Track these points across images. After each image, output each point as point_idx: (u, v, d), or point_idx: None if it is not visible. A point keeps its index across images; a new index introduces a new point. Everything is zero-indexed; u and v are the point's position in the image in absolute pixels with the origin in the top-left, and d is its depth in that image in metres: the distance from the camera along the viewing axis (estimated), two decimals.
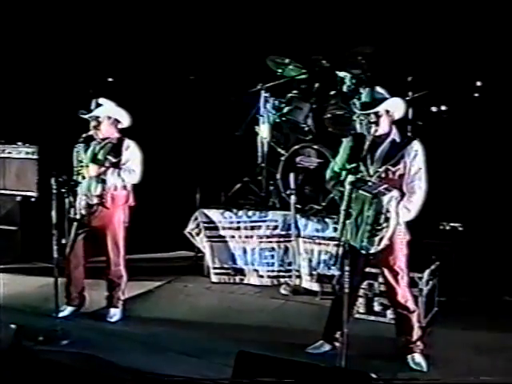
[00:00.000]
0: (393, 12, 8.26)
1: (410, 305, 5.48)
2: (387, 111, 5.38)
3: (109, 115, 6.35)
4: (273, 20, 8.78)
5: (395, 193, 5.14)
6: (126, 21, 9.52)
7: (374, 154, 5.34)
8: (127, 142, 6.42)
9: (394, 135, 5.42)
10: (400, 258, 5.39)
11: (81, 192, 6.26)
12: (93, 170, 6.24)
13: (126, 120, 6.48)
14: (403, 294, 5.44)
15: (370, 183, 5.18)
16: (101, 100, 6.33)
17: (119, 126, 6.47)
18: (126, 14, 9.50)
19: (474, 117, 8.35)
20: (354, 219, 5.07)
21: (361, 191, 5.05)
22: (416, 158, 5.32)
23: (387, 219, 5.07)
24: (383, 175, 5.28)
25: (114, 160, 6.33)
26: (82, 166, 6.17)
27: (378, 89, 5.47)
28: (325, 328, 5.71)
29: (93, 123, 6.28)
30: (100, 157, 6.32)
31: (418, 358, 5.45)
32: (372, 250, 5.18)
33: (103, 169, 6.27)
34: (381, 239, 5.11)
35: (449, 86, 8.19)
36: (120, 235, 6.47)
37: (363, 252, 5.21)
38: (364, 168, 5.28)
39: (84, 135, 6.31)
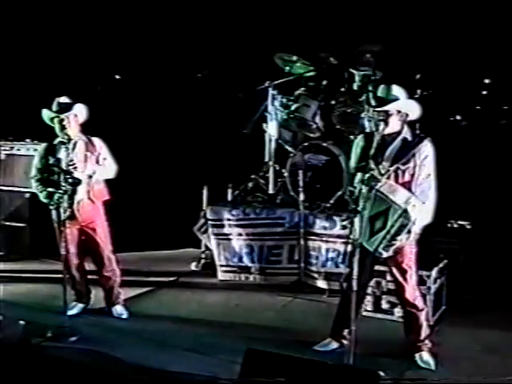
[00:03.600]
0: (401, 9, 8.25)
1: (419, 303, 5.47)
2: (398, 111, 5.33)
3: (76, 113, 6.34)
4: (280, 17, 8.78)
5: (419, 204, 5.11)
6: (134, 18, 9.54)
7: (385, 153, 5.30)
8: (98, 140, 6.45)
9: (406, 134, 5.36)
10: (409, 256, 5.39)
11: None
12: (81, 167, 6.23)
13: (85, 116, 6.45)
14: (412, 292, 5.43)
15: (382, 181, 5.14)
16: (64, 99, 6.30)
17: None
18: (134, 11, 9.52)
19: (483, 114, 8.35)
20: (371, 220, 5.09)
21: (390, 201, 5.05)
22: (427, 158, 5.26)
23: (409, 231, 5.11)
24: (394, 174, 5.24)
25: (93, 157, 6.35)
26: (73, 165, 6.15)
27: (394, 87, 5.39)
28: (332, 326, 5.71)
29: (64, 122, 6.23)
30: (80, 155, 6.32)
31: (426, 356, 5.44)
32: (385, 255, 5.23)
33: (90, 165, 6.29)
34: (396, 246, 5.16)
35: (457, 84, 8.18)
36: (107, 228, 6.52)
37: (377, 255, 5.24)
38: (374, 166, 5.21)
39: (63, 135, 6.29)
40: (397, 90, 5.38)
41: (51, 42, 9.51)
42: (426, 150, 5.28)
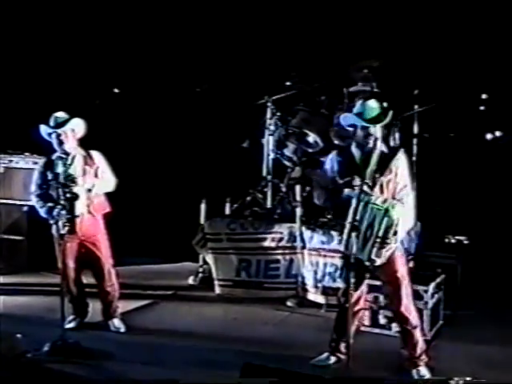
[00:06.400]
0: (400, 26, 8.30)
1: (413, 319, 5.49)
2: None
3: (73, 128, 6.37)
4: (279, 33, 8.83)
5: (400, 206, 5.25)
6: (133, 32, 9.58)
7: (367, 166, 5.40)
8: (97, 153, 6.48)
9: (382, 147, 5.52)
10: (402, 267, 5.47)
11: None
12: (80, 181, 6.25)
13: (82, 131, 6.48)
14: (407, 306, 5.46)
15: (373, 196, 5.25)
16: (61, 114, 6.32)
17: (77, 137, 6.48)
18: (134, 24, 9.56)
19: (479, 131, 8.38)
20: (364, 233, 5.17)
21: (371, 205, 5.18)
22: (403, 169, 5.44)
23: (396, 232, 5.20)
24: (378, 186, 5.34)
25: (91, 170, 6.37)
26: (72, 179, 6.16)
27: (374, 101, 5.59)
28: (330, 340, 5.71)
29: (61, 137, 6.25)
30: (79, 169, 6.34)
31: (423, 370, 5.46)
32: (378, 262, 5.27)
33: (89, 179, 6.30)
34: (387, 251, 5.23)
35: (454, 99, 8.22)
36: (107, 242, 6.52)
37: (367, 264, 5.27)
38: (359, 180, 5.29)
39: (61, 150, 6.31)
40: (376, 104, 5.56)
41: (50, 55, 9.55)
42: (401, 160, 5.46)
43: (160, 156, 9.71)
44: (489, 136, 8.19)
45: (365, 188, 5.24)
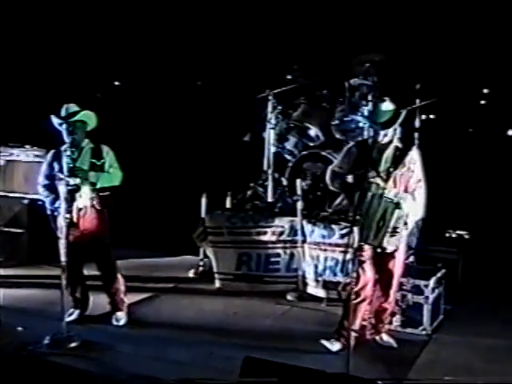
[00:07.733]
0: (402, 20, 8.30)
1: (393, 303, 5.92)
2: None
3: (84, 119, 6.36)
4: (281, 27, 8.82)
5: (410, 199, 5.51)
6: (134, 26, 9.57)
7: (381, 160, 5.62)
8: (105, 147, 6.46)
9: (396, 142, 5.71)
10: (401, 257, 5.80)
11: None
12: (85, 174, 6.24)
13: (93, 123, 6.47)
14: (391, 301, 5.85)
15: (386, 189, 5.47)
16: (73, 106, 6.32)
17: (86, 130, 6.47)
18: (135, 18, 9.55)
19: (480, 126, 8.39)
20: (377, 223, 5.42)
21: (384, 198, 5.43)
22: (416, 164, 5.64)
23: (406, 223, 5.51)
24: (391, 179, 5.55)
25: (98, 163, 6.36)
26: (76, 171, 6.15)
27: (388, 103, 5.71)
28: (337, 328, 5.80)
29: (71, 129, 6.23)
30: (85, 161, 6.34)
31: (386, 337, 5.90)
32: (389, 250, 5.57)
33: (93, 173, 6.30)
34: (397, 239, 5.54)
35: (456, 93, 8.22)
36: (109, 236, 6.51)
37: (379, 250, 5.60)
38: (373, 173, 5.51)
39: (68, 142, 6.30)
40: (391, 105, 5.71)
41: (51, 49, 9.55)
42: (415, 156, 5.67)
43: (161, 149, 9.71)
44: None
45: (378, 181, 5.47)
